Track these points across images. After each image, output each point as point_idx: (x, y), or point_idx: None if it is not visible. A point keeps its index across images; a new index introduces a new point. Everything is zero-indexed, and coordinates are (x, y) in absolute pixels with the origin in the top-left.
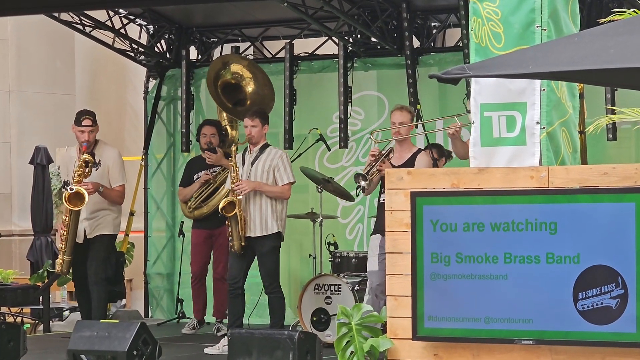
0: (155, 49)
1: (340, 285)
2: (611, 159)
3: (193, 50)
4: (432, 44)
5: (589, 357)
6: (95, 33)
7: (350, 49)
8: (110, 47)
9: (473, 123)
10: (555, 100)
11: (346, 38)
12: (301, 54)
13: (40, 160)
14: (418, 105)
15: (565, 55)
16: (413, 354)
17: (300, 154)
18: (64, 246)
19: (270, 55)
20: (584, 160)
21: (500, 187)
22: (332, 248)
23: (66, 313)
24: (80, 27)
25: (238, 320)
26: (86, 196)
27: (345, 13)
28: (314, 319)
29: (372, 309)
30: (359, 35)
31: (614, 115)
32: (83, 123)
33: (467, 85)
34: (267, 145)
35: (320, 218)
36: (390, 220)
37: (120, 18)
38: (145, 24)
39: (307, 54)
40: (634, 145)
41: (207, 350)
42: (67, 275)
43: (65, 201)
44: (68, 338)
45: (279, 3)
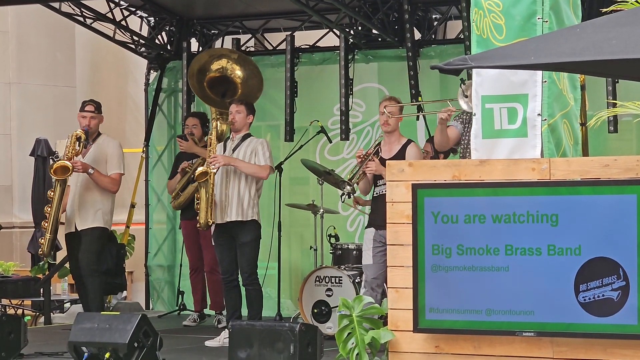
0: (156, 41)
1: (341, 277)
2: (612, 152)
3: (194, 42)
4: (433, 36)
5: (590, 349)
6: (95, 25)
7: (351, 41)
8: (111, 39)
9: (474, 115)
10: (557, 92)
11: (347, 30)
12: (302, 46)
13: (41, 152)
14: (419, 97)
15: (567, 46)
16: (414, 345)
17: (301, 146)
18: (47, 225)
19: (271, 48)
20: (586, 153)
21: (502, 179)
22: (333, 240)
23: (67, 305)
24: (80, 19)
25: (236, 312)
26: (71, 168)
27: (346, 5)
28: (315, 311)
29: (373, 301)
30: (360, 28)
31: (616, 108)
32: (86, 108)
33: (469, 78)
34: (249, 135)
35: (321, 210)
36: (391, 212)
37: (121, 10)
38: (146, 15)
39: (308, 46)
40: (635, 138)
41: (208, 342)
42: (65, 265)
43: (50, 171)
44: (69, 330)
45: None
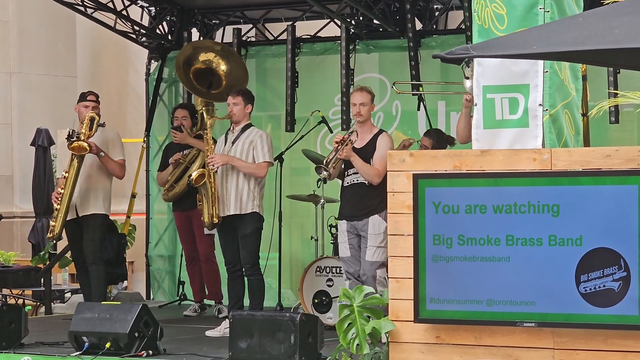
0: (157, 31)
1: (342, 267)
2: (613, 142)
3: (195, 32)
4: (435, 27)
5: (591, 340)
6: (96, 15)
7: (353, 31)
8: (112, 29)
9: (476, 105)
10: (558, 83)
11: (348, 20)
12: (303, 36)
13: (42, 142)
14: (420, 87)
15: (569, 35)
16: (415, 336)
17: (302, 136)
18: (59, 206)
19: (272, 38)
20: (587, 143)
21: (503, 169)
22: (334, 230)
23: (67, 295)
24: (81, 9)
25: (238, 302)
26: (88, 148)
27: None
28: (316, 301)
29: (374, 291)
30: (361, 18)
31: (617, 99)
32: (88, 98)
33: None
34: (250, 125)
35: (322, 200)
36: (392, 202)
37: None
38: (147, 5)
39: (309, 36)
40: (636, 128)
41: (209, 332)
42: (65, 255)
43: (69, 148)
44: (69, 320)
45: None
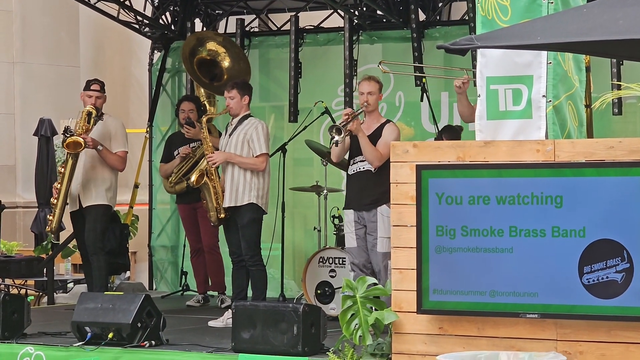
0: (160, 21)
1: (345, 258)
2: (616, 134)
3: (198, 22)
4: (438, 18)
5: (594, 331)
6: (99, 5)
7: (356, 22)
8: (115, 19)
9: (479, 96)
10: (562, 74)
11: (352, 11)
12: (307, 27)
13: (45, 132)
14: (423, 79)
15: (573, 26)
16: (418, 327)
17: (306, 127)
18: (56, 201)
19: (275, 28)
20: (590, 134)
21: (506, 161)
22: (337, 221)
23: (70, 285)
24: None
25: (242, 293)
26: (83, 144)
27: None
28: (318, 292)
29: (377, 282)
30: (365, 8)
31: (620, 90)
32: (92, 87)
33: (473, 59)
34: (248, 116)
35: (325, 191)
36: (395, 192)
37: None
38: None
39: (313, 27)
40: (639, 120)
41: (211, 323)
42: (68, 245)
43: (63, 145)
44: (72, 310)
45: None
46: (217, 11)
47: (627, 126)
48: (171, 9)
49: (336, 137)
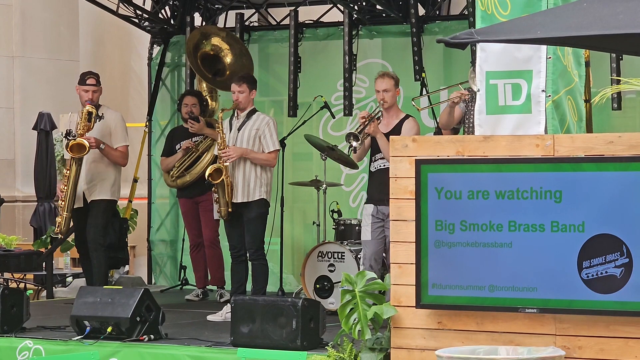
0: (160, 16)
1: (344, 252)
2: (616, 129)
3: (197, 16)
4: (438, 12)
5: (593, 326)
6: None
7: (356, 16)
8: (114, 13)
9: (479, 91)
10: (561, 69)
11: (351, 5)
12: (306, 22)
13: (44, 126)
14: (423, 73)
15: (573, 20)
16: (417, 321)
17: (305, 122)
18: (63, 203)
19: (274, 23)
20: (590, 129)
21: (506, 155)
22: (336, 216)
23: (69, 279)
24: None
25: (241, 287)
26: (87, 147)
27: None
28: (317, 286)
29: (376, 277)
30: (364, 3)
31: (620, 85)
32: (87, 82)
33: (472, 54)
34: (255, 111)
35: (324, 185)
36: (394, 187)
37: None
38: None
39: (312, 22)
40: (638, 115)
41: (210, 317)
42: (67, 239)
43: (67, 150)
44: (71, 304)
45: None
46: (217, 5)
47: (627, 121)
48: (171, 3)
49: (354, 144)
